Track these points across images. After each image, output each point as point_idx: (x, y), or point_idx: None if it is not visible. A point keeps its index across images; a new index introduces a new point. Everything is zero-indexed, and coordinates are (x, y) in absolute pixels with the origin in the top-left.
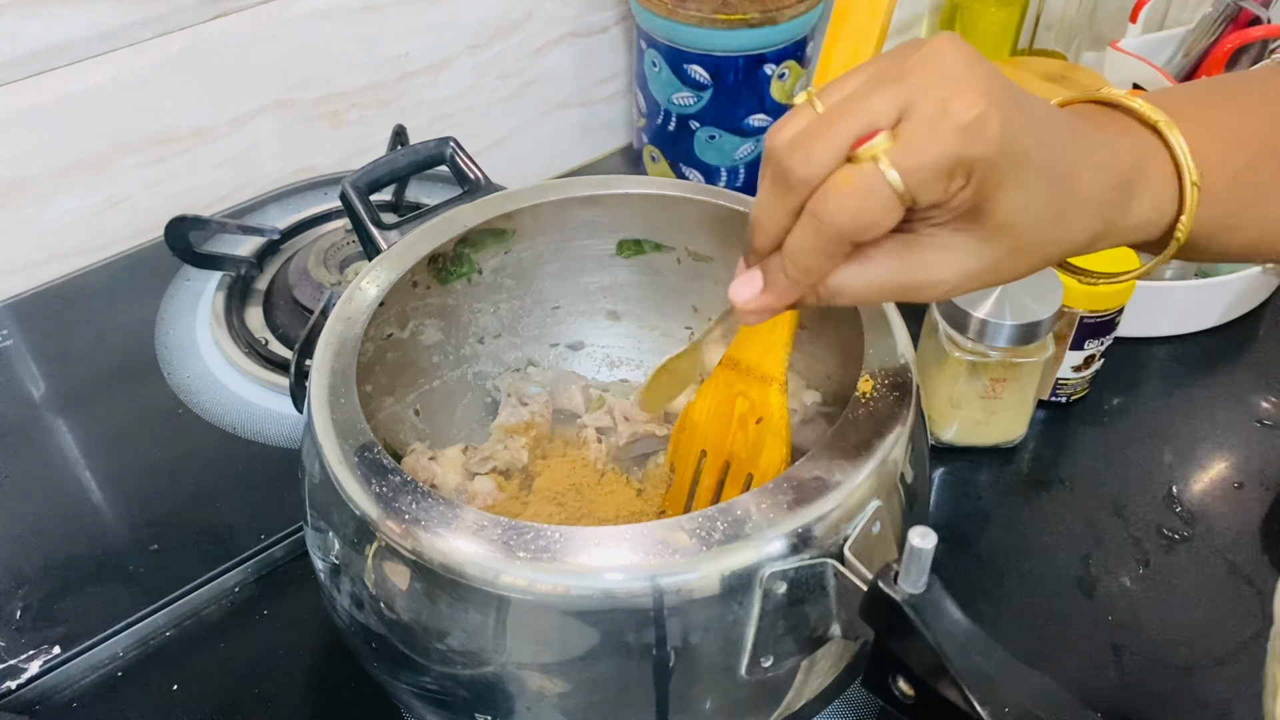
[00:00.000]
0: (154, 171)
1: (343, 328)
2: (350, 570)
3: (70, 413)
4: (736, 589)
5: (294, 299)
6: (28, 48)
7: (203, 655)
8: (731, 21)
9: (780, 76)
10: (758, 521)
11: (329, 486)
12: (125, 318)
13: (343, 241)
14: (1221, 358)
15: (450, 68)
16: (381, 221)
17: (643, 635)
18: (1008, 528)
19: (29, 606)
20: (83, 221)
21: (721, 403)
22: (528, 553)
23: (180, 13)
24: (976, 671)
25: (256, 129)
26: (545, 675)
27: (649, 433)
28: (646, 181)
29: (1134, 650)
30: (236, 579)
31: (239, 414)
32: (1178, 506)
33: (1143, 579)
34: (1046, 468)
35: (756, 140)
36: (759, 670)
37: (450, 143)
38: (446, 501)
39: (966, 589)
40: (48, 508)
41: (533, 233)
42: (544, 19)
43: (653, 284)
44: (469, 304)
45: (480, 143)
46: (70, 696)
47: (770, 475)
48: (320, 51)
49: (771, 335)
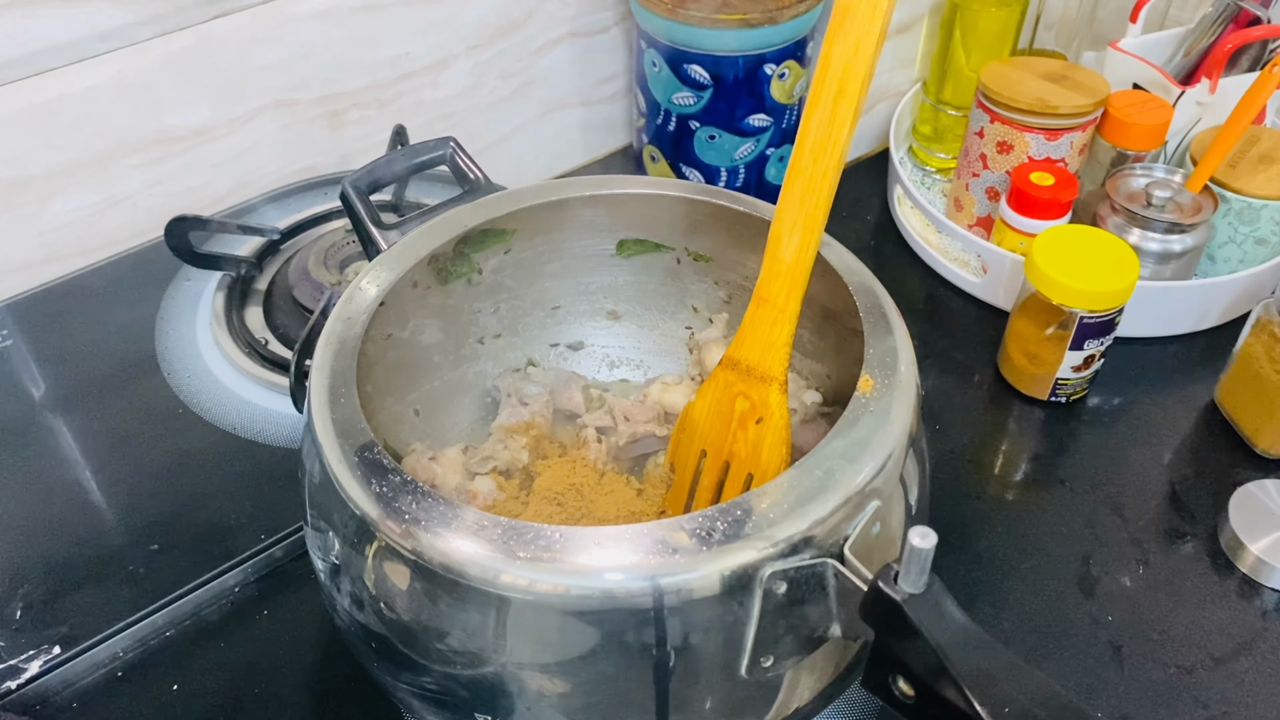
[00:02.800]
0: (154, 171)
1: (343, 328)
2: (350, 570)
3: (70, 413)
4: (736, 589)
5: (294, 299)
6: (28, 48)
7: (203, 655)
8: (731, 21)
9: (780, 76)
10: (758, 521)
11: (329, 486)
12: (125, 318)
13: (343, 241)
14: (1222, 357)
15: (450, 68)
16: (381, 221)
17: (643, 635)
18: (1008, 528)
19: (29, 606)
20: (83, 221)
21: (721, 402)
22: (528, 553)
23: (180, 13)
24: (976, 671)
25: (256, 129)
26: (545, 675)
27: (649, 433)
28: (646, 181)
29: (1134, 650)
30: (236, 579)
31: (239, 414)
32: (1178, 506)
33: (1143, 579)
34: (1046, 468)
35: (756, 140)
36: (759, 670)
37: (450, 143)
38: (446, 501)
39: (966, 589)
40: (48, 508)
41: (533, 233)
42: (544, 19)
43: (653, 284)
44: (469, 304)
45: (480, 143)
46: (70, 696)
47: (770, 475)
48: (320, 51)
49: (771, 335)
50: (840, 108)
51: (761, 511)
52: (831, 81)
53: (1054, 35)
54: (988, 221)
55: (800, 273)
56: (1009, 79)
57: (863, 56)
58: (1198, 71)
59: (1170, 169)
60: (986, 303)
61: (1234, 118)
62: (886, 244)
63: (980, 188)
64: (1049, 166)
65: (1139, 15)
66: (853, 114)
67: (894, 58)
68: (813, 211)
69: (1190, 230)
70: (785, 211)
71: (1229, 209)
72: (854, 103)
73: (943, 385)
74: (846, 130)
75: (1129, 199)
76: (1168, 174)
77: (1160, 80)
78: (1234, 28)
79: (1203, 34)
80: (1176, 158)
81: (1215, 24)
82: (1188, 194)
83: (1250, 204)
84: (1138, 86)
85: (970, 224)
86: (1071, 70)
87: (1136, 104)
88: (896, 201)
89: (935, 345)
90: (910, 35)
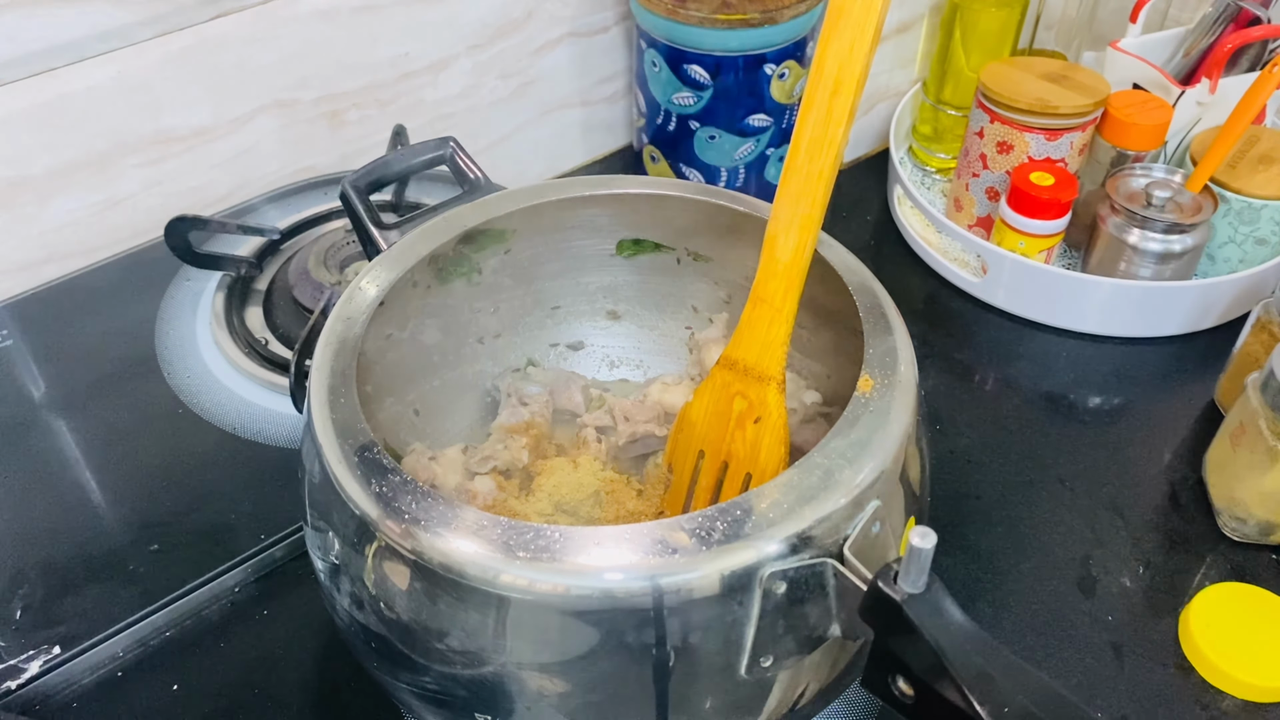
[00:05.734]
0: (154, 171)
1: (343, 328)
2: (350, 570)
3: (70, 413)
4: (736, 589)
5: (294, 299)
6: (28, 48)
7: (203, 655)
8: (731, 21)
9: (780, 76)
10: (757, 521)
11: (329, 486)
12: (125, 318)
13: (343, 241)
14: (1222, 357)
15: (450, 68)
16: (381, 221)
17: (642, 635)
18: (1008, 528)
19: (29, 606)
20: (83, 221)
21: (719, 402)
22: (528, 553)
23: (180, 13)
24: (976, 671)
25: (256, 129)
26: (545, 675)
27: (649, 433)
28: (646, 181)
29: (1134, 650)
30: (236, 579)
31: (239, 414)
32: (1178, 506)
33: (1142, 579)
34: (1046, 468)
35: (756, 140)
36: (759, 670)
37: (450, 143)
38: (446, 501)
39: (966, 589)
40: (48, 508)
41: (533, 233)
42: (544, 19)
43: (653, 284)
44: (469, 304)
45: (480, 143)
46: (70, 696)
47: (769, 475)
48: (320, 51)
49: (769, 335)
50: (836, 107)
51: (761, 511)
52: (827, 80)
53: (1054, 35)
54: (988, 221)
55: (797, 272)
56: (1009, 79)
57: (858, 55)
58: (1198, 71)
59: (1170, 169)
60: (986, 303)
61: (1234, 118)
62: (886, 244)
63: (980, 188)
64: (1049, 166)
65: (1139, 15)
66: (848, 113)
67: (894, 58)
68: (809, 211)
69: (1190, 230)
70: (781, 211)
71: (1229, 209)
72: (849, 101)
73: (943, 385)
74: (842, 129)
75: (1129, 199)
76: (1168, 174)
77: (1160, 80)
78: (1234, 28)
79: (1203, 34)
80: (1176, 158)
81: (1215, 24)
82: (1188, 194)
83: (1250, 204)
84: (1138, 86)
85: (970, 224)
86: (1071, 70)
87: (1136, 104)
88: (896, 201)
89: (935, 345)
90: (910, 35)
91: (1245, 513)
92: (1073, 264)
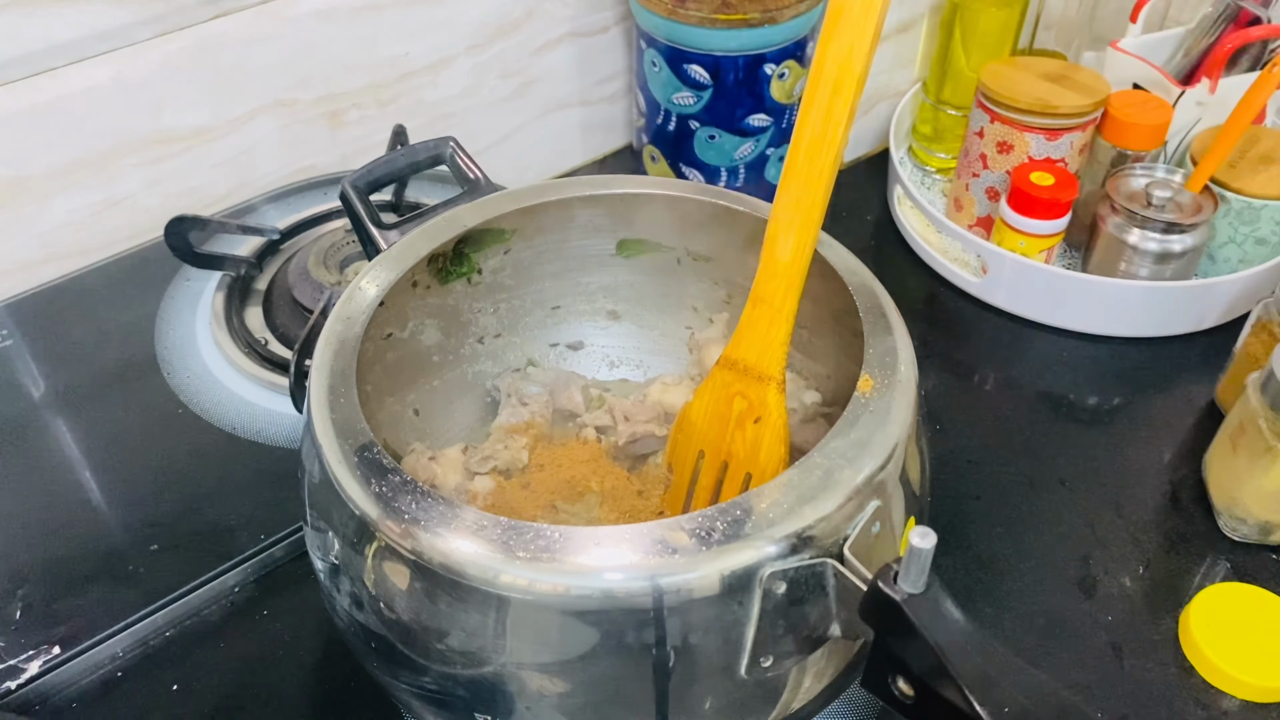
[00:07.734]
0: (154, 171)
1: (343, 328)
2: (350, 570)
3: (70, 413)
4: (736, 589)
5: (294, 299)
6: (28, 48)
7: (203, 655)
8: (731, 21)
9: (780, 76)
10: (757, 521)
11: (329, 486)
12: (125, 318)
13: (343, 241)
14: (1222, 357)
15: (450, 68)
16: (381, 221)
17: (642, 635)
18: (1008, 528)
19: (29, 606)
20: (83, 221)
21: (719, 402)
22: (527, 553)
23: (180, 13)
24: (976, 671)
25: (256, 129)
26: (545, 675)
27: (649, 433)
28: (646, 181)
29: (1134, 650)
30: (236, 579)
31: (239, 414)
32: (1178, 506)
33: (1143, 579)
34: (1046, 468)
35: (756, 140)
36: (759, 670)
37: (450, 143)
38: (446, 501)
39: (966, 589)
40: (48, 508)
41: (533, 233)
42: (544, 19)
43: (653, 284)
44: (469, 304)
45: (480, 143)
46: (70, 696)
47: (769, 475)
48: (320, 51)
49: (769, 335)
50: (835, 107)
51: (761, 511)
52: (826, 80)
53: (1054, 35)
54: (988, 221)
55: (797, 272)
56: (1009, 79)
57: (857, 55)
58: (1198, 71)
59: (1170, 169)
60: (987, 303)
61: (1234, 118)
62: (886, 244)
63: (980, 188)
64: (1049, 166)
65: (1139, 15)
66: (848, 113)
67: (894, 58)
68: (809, 211)
69: (1190, 230)
70: (781, 211)
71: (1229, 209)
72: (849, 102)
73: (943, 385)
74: (842, 129)
75: (1129, 199)
76: (1168, 174)
77: (1160, 80)
78: (1234, 28)
79: (1203, 34)
80: (1176, 158)
81: (1215, 24)
82: (1188, 194)
83: (1250, 204)
84: (1138, 86)
85: (970, 224)
86: (1071, 70)
87: (1136, 104)
88: (896, 201)
89: (935, 345)
90: (910, 35)
91: (1245, 513)
92: (1073, 264)
